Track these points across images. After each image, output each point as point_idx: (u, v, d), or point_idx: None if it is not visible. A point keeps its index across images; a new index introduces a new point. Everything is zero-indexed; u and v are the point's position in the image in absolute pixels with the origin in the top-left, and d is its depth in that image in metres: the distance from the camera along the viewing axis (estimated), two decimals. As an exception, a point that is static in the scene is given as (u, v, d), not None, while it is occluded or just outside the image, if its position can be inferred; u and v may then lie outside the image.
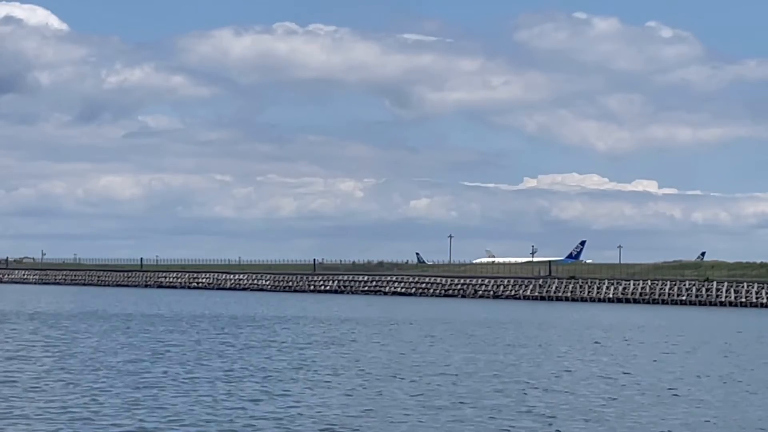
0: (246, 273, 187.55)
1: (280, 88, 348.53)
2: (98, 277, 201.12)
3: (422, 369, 44.53)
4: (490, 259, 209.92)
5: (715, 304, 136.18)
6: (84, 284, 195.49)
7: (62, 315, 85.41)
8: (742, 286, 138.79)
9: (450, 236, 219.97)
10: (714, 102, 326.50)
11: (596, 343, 64.47)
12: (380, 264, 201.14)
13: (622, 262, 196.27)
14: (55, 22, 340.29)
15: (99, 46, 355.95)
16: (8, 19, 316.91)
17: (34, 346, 53.16)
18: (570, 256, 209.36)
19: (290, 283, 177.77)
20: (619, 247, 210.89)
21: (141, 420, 29.44)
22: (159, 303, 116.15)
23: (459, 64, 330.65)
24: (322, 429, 28.71)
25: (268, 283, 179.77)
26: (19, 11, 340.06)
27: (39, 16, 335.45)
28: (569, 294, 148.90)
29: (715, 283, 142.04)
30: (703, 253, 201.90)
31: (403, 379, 40.71)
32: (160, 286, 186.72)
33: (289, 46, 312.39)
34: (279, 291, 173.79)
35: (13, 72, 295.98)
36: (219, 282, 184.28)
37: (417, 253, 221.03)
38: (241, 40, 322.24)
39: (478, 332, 71.86)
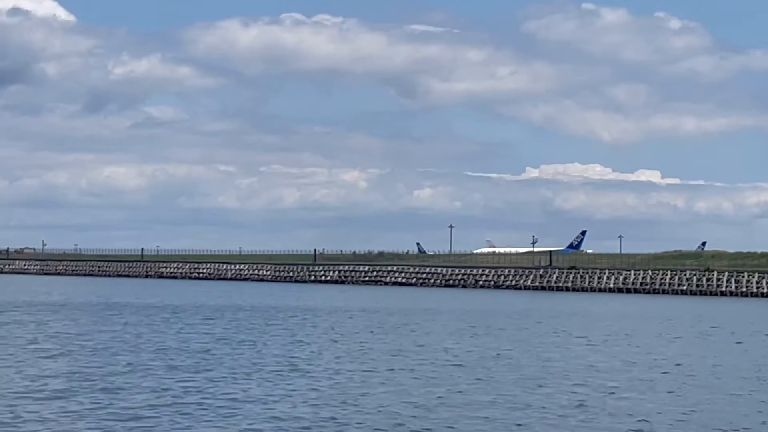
0: (247, 263, 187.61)
1: (286, 78, 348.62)
2: (99, 267, 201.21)
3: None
4: (491, 249, 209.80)
5: (716, 294, 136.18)
6: (85, 275, 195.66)
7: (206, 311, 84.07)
8: (743, 276, 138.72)
9: (450, 226, 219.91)
10: (720, 92, 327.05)
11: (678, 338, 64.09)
12: (380, 254, 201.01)
13: (622, 252, 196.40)
14: (62, 13, 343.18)
15: (106, 37, 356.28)
16: (15, 11, 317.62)
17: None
18: (570, 246, 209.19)
19: (291, 274, 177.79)
20: (620, 237, 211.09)
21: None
22: (215, 295, 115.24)
23: (466, 55, 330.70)
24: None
25: (268, 273, 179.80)
26: (26, 3, 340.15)
27: (46, 7, 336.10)
28: (570, 284, 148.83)
29: (715, 272, 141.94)
30: (703, 243, 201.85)
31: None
32: (160, 277, 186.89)
33: (296, 37, 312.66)
34: (279, 281, 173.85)
35: (19, 63, 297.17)
36: (220, 272, 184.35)
37: (418, 243, 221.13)
38: (248, 31, 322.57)
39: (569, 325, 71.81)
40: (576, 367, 42.42)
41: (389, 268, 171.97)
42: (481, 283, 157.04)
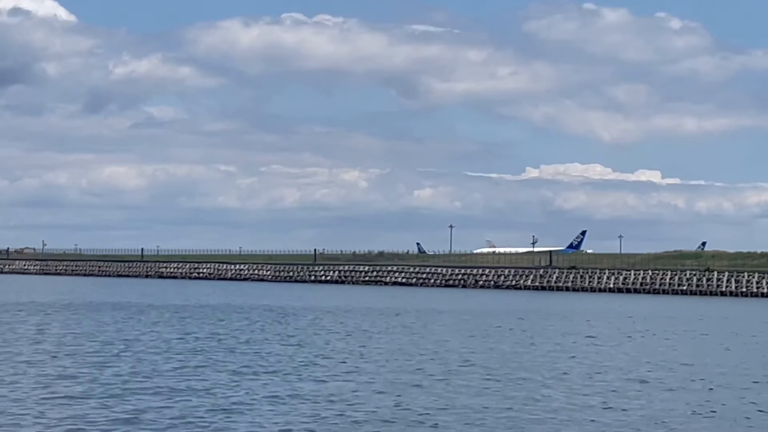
0: (247, 263, 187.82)
1: (287, 78, 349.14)
2: (99, 267, 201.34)
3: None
4: (491, 249, 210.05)
5: (716, 294, 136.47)
6: (85, 275, 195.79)
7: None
8: (743, 276, 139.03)
9: (451, 226, 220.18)
10: (720, 92, 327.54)
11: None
12: (380, 254, 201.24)
13: (622, 251, 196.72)
14: (63, 13, 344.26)
15: (106, 37, 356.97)
16: (16, 11, 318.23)
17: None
18: (570, 246, 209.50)
19: (291, 273, 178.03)
20: (620, 237, 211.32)
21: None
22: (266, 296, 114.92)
23: (466, 55, 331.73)
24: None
25: (268, 273, 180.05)
26: (27, 3, 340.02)
27: (47, 7, 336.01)
28: (570, 284, 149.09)
29: (715, 272, 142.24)
30: (703, 243, 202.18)
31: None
32: (161, 277, 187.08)
33: (297, 37, 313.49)
34: (279, 281, 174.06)
35: (20, 63, 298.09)
36: (220, 272, 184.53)
37: (417, 243, 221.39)
38: (249, 31, 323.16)
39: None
40: (597, 367, 42.66)
41: (389, 268, 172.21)
42: (481, 283, 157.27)
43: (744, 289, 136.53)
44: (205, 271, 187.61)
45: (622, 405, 32.02)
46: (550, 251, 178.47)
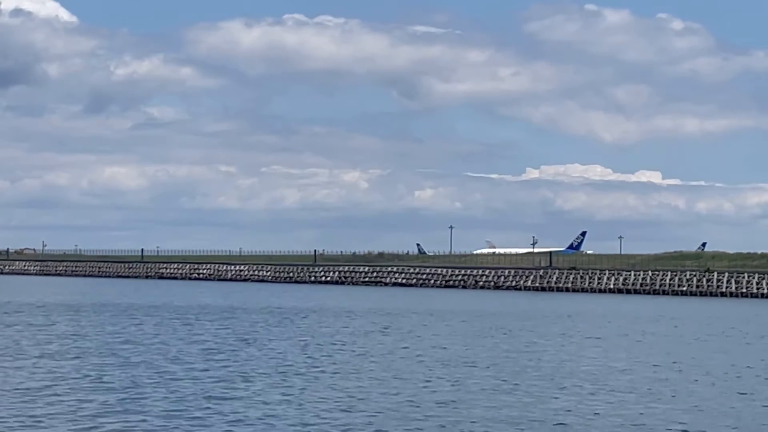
0: (247, 264, 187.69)
1: (288, 79, 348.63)
2: (99, 268, 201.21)
3: None
4: (491, 250, 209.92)
5: (716, 295, 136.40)
6: (85, 275, 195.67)
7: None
8: (743, 277, 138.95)
9: (451, 227, 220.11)
10: (721, 93, 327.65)
11: None
12: (381, 255, 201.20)
13: (622, 252, 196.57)
14: (64, 14, 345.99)
15: (108, 38, 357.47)
16: (18, 12, 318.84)
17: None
18: (571, 247, 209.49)
19: (291, 274, 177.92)
20: (620, 237, 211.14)
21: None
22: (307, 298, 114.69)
23: (468, 56, 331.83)
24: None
25: (268, 274, 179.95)
26: (28, 3, 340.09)
27: (48, 8, 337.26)
28: (570, 285, 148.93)
29: (715, 273, 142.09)
30: (704, 244, 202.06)
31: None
32: (161, 278, 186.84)
33: (299, 38, 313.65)
34: (279, 282, 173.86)
35: (22, 64, 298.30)
36: (220, 273, 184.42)
37: (418, 244, 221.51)
38: (251, 31, 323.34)
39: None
40: (618, 371, 42.74)
41: (389, 268, 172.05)
42: (481, 283, 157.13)
43: (744, 290, 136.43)
44: (205, 271, 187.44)
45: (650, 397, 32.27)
46: (550, 252, 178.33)
